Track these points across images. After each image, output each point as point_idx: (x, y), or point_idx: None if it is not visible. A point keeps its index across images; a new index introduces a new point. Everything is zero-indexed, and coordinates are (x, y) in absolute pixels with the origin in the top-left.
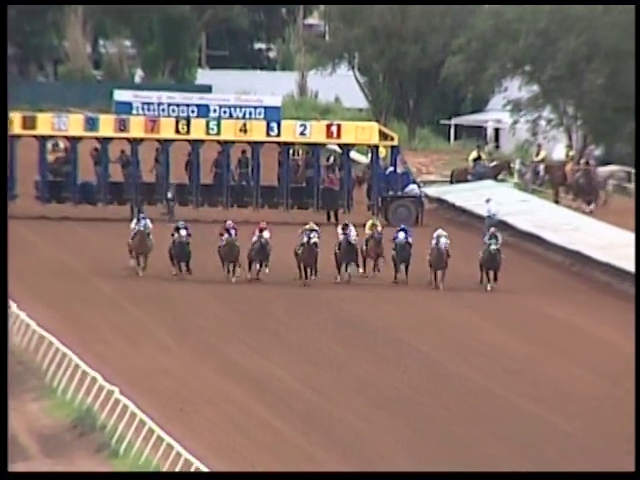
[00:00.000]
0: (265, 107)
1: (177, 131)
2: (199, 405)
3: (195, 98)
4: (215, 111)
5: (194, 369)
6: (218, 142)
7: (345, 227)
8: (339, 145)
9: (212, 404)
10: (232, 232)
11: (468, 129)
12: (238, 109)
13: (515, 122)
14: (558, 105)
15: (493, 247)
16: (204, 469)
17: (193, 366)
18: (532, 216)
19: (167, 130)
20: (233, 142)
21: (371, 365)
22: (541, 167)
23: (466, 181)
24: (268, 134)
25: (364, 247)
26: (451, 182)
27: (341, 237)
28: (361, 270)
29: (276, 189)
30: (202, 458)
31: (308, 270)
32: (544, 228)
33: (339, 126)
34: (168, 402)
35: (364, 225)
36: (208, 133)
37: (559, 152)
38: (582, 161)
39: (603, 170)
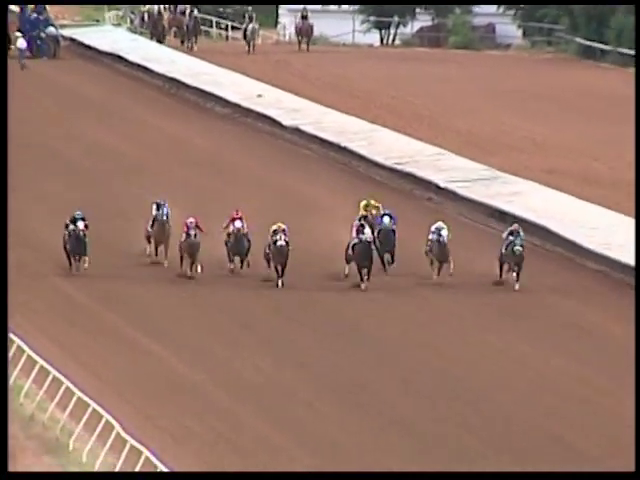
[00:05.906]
0: None
1: None
2: (43, 308)
3: None
4: None
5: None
6: None
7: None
8: None
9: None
10: (192, 232)
11: None
12: None
13: None
14: None
15: (517, 247)
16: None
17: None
18: (141, 52)
19: None
20: None
21: None
22: (146, 15)
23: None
24: None
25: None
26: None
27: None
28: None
29: None
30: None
31: (279, 269)
32: (150, 61)
33: None
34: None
35: None
36: None
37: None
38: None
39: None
